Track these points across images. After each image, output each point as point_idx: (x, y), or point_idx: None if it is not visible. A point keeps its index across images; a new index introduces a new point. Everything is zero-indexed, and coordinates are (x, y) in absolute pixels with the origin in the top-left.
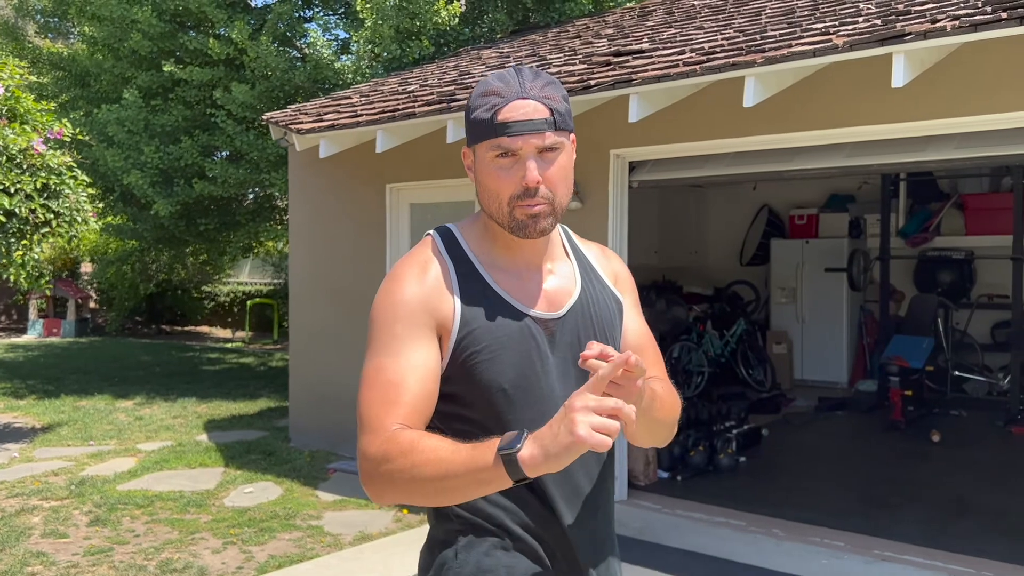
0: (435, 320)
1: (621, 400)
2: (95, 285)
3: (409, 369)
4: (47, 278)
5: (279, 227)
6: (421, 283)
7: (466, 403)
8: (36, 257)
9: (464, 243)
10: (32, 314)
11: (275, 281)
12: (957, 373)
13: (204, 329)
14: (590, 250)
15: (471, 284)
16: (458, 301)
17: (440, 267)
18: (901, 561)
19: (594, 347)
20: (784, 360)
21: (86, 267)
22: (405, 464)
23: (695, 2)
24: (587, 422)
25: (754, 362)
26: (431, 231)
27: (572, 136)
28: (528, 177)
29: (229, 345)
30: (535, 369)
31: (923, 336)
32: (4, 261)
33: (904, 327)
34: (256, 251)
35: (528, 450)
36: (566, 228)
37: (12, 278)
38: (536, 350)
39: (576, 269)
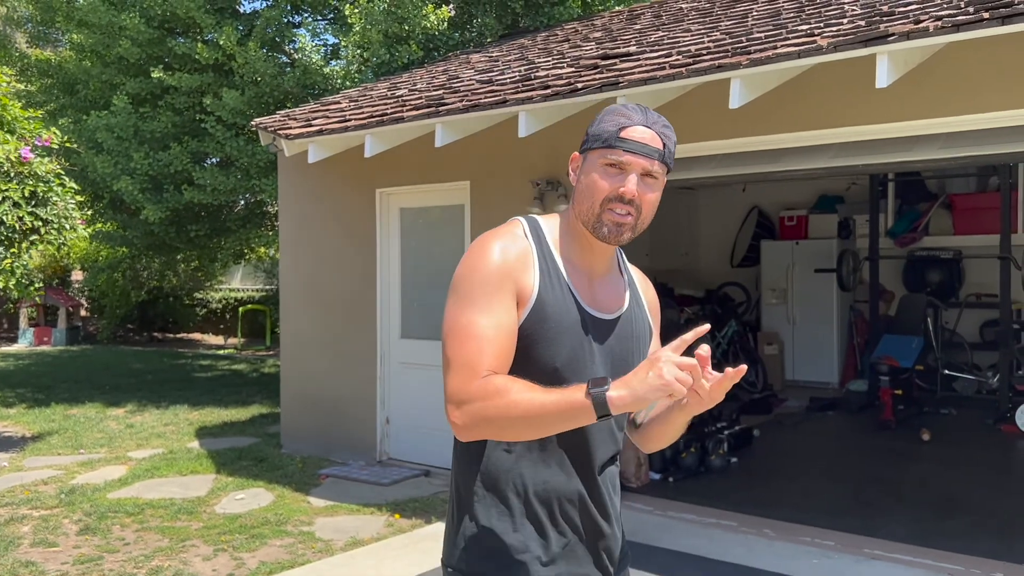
0: (518, 287)
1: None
2: (86, 293)
3: (497, 327)
4: (37, 286)
5: (270, 233)
6: (509, 253)
7: (520, 375)
8: (25, 264)
9: (547, 234)
10: (23, 323)
11: (267, 287)
12: (947, 372)
13: (196, 336)
14: (636, 274)
15: (548, 269)
16: (537, 279)
17: (526, 247)
18: (891, 560)
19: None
20: (775, 361)
21: (77, 275)
22: (501, 402)
23: (683, 5)
24: (672, 370)
25: (745, 363)
26: (517, 217)
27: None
28: (627, 188)
29: (221, 352)
30: (584, 357)
31: (913, 335)
32: None
33: (894, 327)
34: (248, 257)
35: (616, 391)
36: (620, 251)
37: (1, 285)
38: (588, 342)
39: (627, 286)
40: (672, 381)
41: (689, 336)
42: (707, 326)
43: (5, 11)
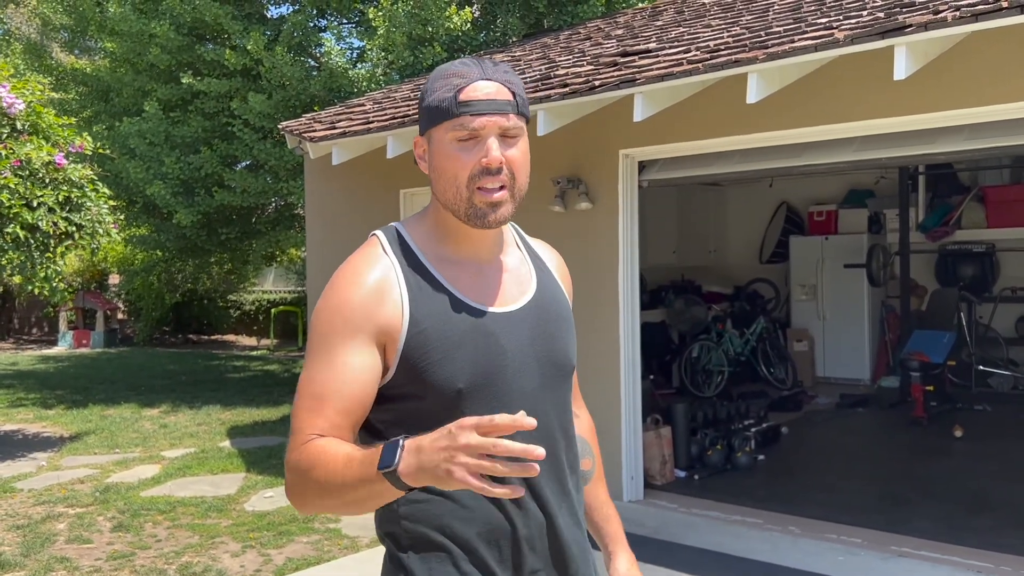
0: (376, 326)
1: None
2: (123, 296)
3: (339, 381)
4: (70, 290)
5: (300, 235)
6: (362, 287)
7: (423, 406)
8: (59, 270)
9: (411, 240)
10: (62, 326)
11: (299, 289)
12: (981, 368)
13: (230, 337)
14: (540, 247)
15: (420, 282)
16: (406, 302)
17: (385, 267)
18: (918, 557)
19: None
20: (806, 357)
21: (114, 278)
22: (312, 478)
23: (705, 0)
24: (465, 464)
25: (775, 360)
26: (376, 231)
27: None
28: (491, 156)
29: (254, 353)
30: (493, 366)
31: (944, 331)
32: (29, 274)
33: (925, 322)
34: (279, 259)
35: (406, 464)
36: (514, 223)
37: (36, 291)
38: (494, 346)
39: (530, 264)
40: (460, 479)
41: (504, 421)
42: (533, 421)
43: (41, 22)
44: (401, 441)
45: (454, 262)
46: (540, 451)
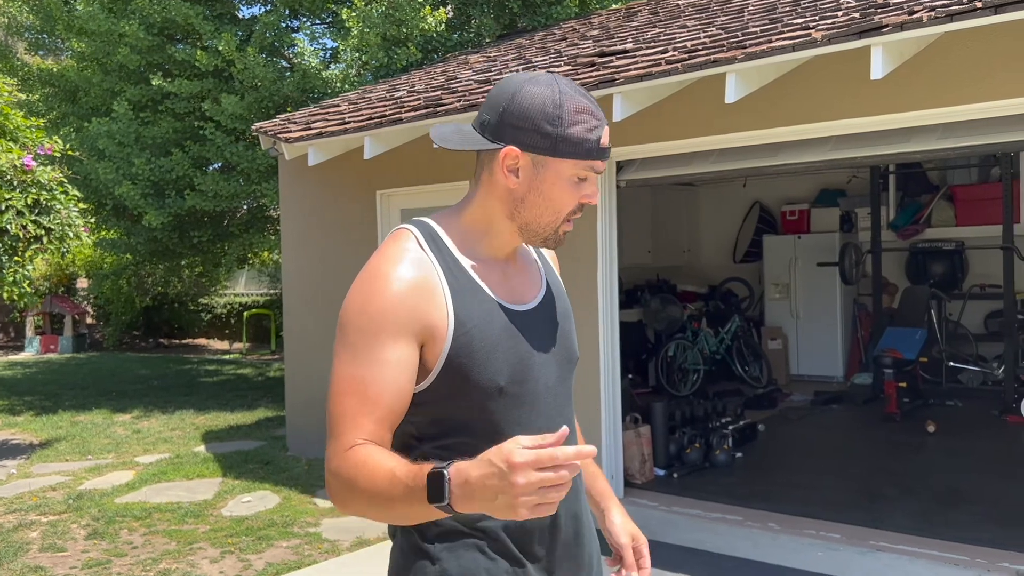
0: (422, 325)
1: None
2: (91, 300)
3: (387, 381)
4: (38, 294)
5: (273, 237)
6: (404, 283)
7: (461, 405)
8: (27, 274)
9: (446, 238)
10: (29, 331)
11: (271, 292)
12: (952, 364)
13: (202, 341)
14: None
15: (459, 283)
16: (450, 301)
17: (425, 266)
18: (896, 551)
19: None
20: (780, 356)
21: (82, 282)
22: (357, 487)
23: (679, 1)
24: (529, 502)
25: (750, 358)
26: (406, 224)
27: None
28: (595, 199)
29: (227, 357)
30: (524, 363)
31: (916, 328)
32: None
33: (897, 319)
34: (251, 262)
35: (458, 499)
36: None
37: (6, 296)
38: (523, 344)
39: (538, 262)
40: (527, 515)
41: (572, 453)
42: (593, 449)
43: (6, 21)
44: (446, 473)
45: (484, 261)
46: (592, 449)
